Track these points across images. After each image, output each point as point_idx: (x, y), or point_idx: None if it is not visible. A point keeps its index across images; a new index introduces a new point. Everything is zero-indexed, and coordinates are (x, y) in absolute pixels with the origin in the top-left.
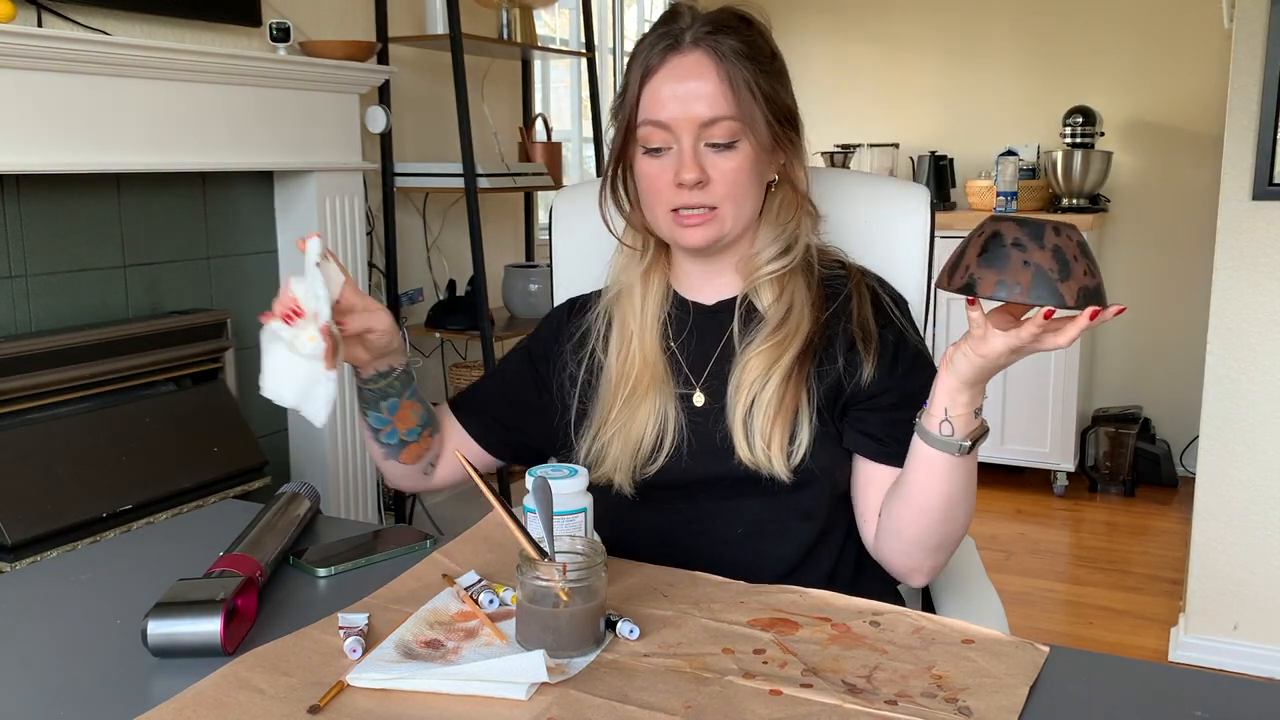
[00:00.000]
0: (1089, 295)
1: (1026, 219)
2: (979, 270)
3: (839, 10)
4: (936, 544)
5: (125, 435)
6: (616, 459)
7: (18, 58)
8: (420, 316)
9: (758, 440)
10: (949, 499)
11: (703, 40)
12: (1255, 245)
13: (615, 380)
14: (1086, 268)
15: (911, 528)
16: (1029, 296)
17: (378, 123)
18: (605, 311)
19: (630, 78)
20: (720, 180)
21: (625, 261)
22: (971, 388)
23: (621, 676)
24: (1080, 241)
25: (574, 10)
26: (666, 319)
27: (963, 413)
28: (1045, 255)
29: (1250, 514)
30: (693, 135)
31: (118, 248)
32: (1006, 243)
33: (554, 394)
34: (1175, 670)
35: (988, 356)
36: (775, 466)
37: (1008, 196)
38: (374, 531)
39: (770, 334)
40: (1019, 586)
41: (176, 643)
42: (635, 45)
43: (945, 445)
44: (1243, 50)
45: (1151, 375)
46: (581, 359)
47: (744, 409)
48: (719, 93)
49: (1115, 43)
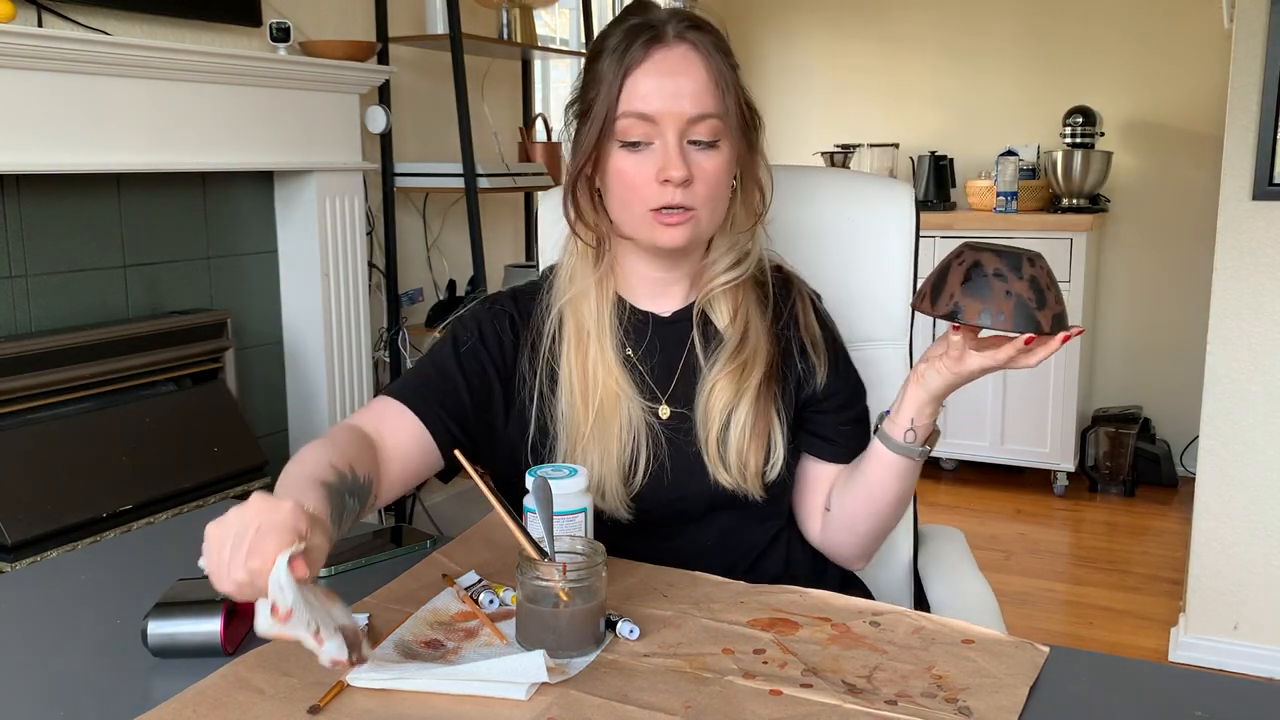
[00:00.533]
0: (1059, 321)
1: (1003, 250)
2: (963, 299)
3: (839, 10)
4: (885, 532)
5: (125, 435)
6: (601, 481)
7: (18, 58)
8: (420, 316)
9: (734, 462)
10: (901, 496)
11: (686, 35)
12: (1255, 245)
13: (579, 391)
14: (1056, 295)
15: (866, 522)
16: (1012, 324)
17: (378, 123)
18: (558, 315)
19: (603, 69)
20: (702, 180)
21: (578, 262)
22: (937, 400)
23: (621, 676)
24: (1049, 271)
25: (574, 10)
26: (622, 328)
27: (926, 422)
28: (1024, 285)
29: (1250, 514)
30: (678, 131)
31: (118, 248)
32: (988, 273)
33: (515, 409)
34: (1175, 670)
35: (961, 374)
36: (750, 486)
37: (1008, 196)
38: (374, 531)
39: (732, 356)
40: (1019, 586)
41: (176, 643)
42: (602, 38)
43: (907, 451)
44: (1243, 50)
45: (1151, 375)
46: (536, 368)
47: (716, 433)
48: (706, 89)
49: (1115, 43)
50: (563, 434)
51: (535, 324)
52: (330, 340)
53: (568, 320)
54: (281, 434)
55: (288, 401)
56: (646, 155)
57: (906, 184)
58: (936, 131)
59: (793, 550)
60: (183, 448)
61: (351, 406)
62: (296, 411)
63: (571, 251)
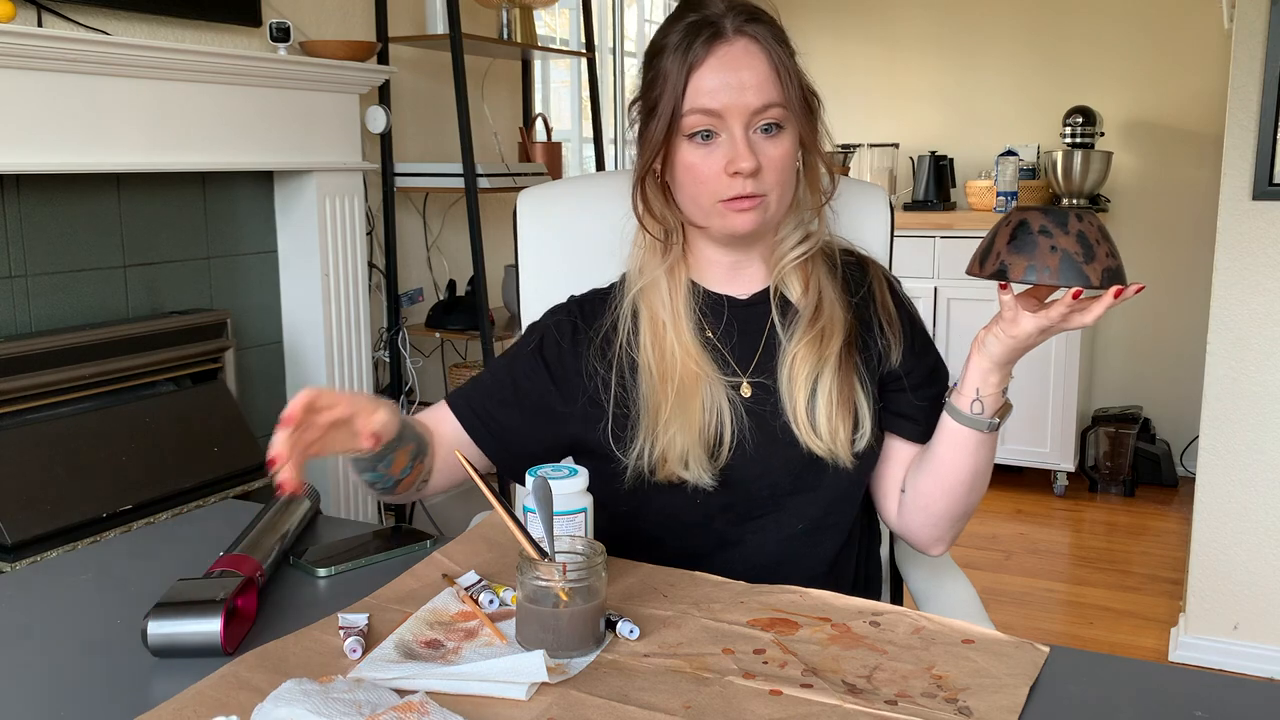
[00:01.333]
0: (1112, 275)
1: (1050, 208)
2: (1009, 256)
3: (839, 10)
4: (961, 514)
5: (125, 435)
6: (684, 453)
7: (18, 58)
8: (420, 316)
9: (824, 429)
10: (975, 473)
11: (745, 29)
12: (1255, 245)
13: (658, 374)
14: (1108, 250)
15: (940, 502)
16: (1058, 279)
17: (378, 123)
18: (631, 306)
19: (667, 67)
20: (770, 168)
21: (646, 255)
22: (1002, 368)
23: (621, 676)
24: (1101, 226)
25: (574, 10)
26: (699, 312)
27: (993, 392)
28: (1070, 240)
29: (1250, 514)
30: (743, 123)
31: (118, 248)
32: (1034, 230)
33: (581, 403)
34: (1175, 670)
35: (1018, 337)
36: (841, 452)
37: (1008, 196)
38: (374, 531)
39: (808, 327)
40: (1019, 586)
41: (176, 643)
42: (662, 34)
43: (975, 423)
44: (1243, 50)
45: (1151, 375)
46: (610, 360)
47: (804, 402)
48: (768, 80)
49: (1115, 43)
50: (644, 416)
51: (607, 322)
52: (330, 340)
53: (641, 310)
54: None
55: (288, 401)
56: (714, 148)
57: (879, 187)
58: (936, 131)
59: (871, 554)
60: (183, 448)
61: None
62: None
63: (639, 245)
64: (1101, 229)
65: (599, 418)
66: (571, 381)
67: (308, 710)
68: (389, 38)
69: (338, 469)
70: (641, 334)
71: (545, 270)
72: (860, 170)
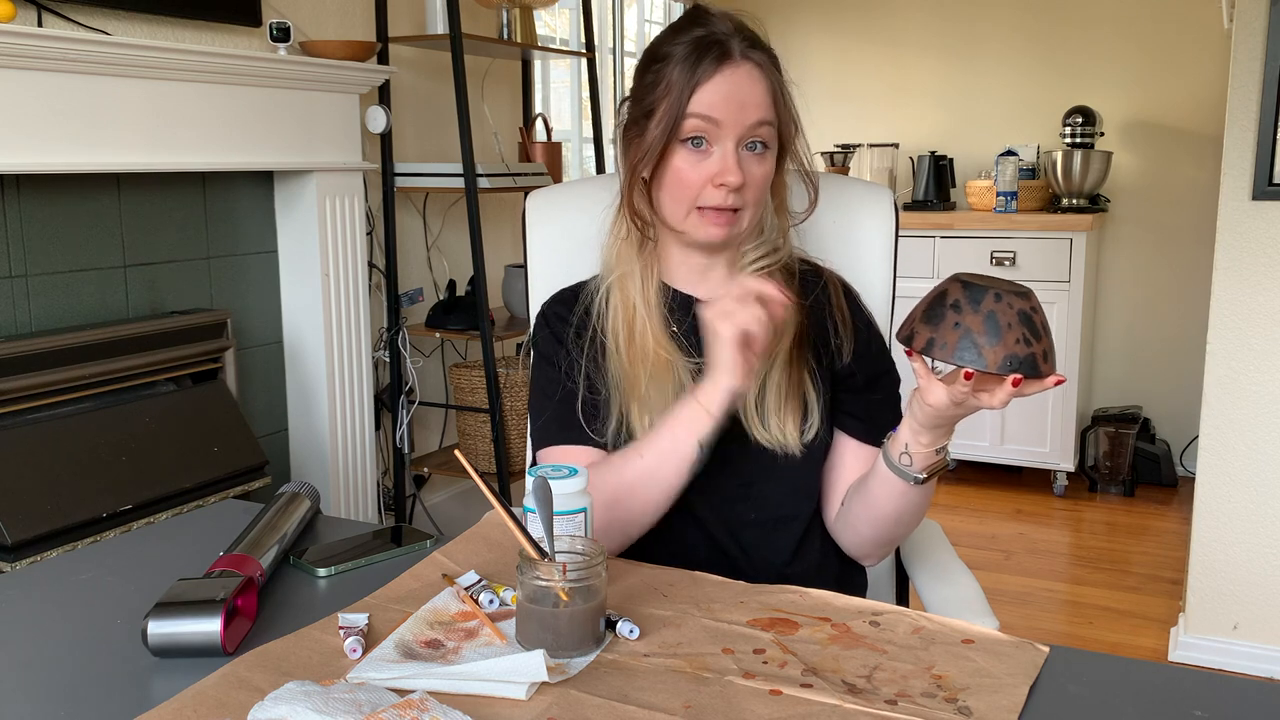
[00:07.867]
0: (1016, 362)
1: (979, 283)
2: (919, 325)
3: (839, 10)
4: (887, 541)
5: (125, 435)
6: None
7: (18, 58)
8: (420, 316)
9: (772, 423)
10: (900, 514)
11: (750, 54)
12: (1255, 245)
13: (630, 355)
14: (1020, 336)
15: (867, 528)
16: (952, 356)
17: (378, 123)
18: (606, 293)
19: (672, 76)
20: (751, 185)
21: (623, 246)
22: (930, 431)
23: (621, 676)
24: (1022, 310)
25: (574, 10)
26: (666, 307)
27: (922, 451)
28: (978, 320)
29: (1250, 514)
30: (736, 137)
31: (118, 248)
32: (947, 304)
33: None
34: (1175, 670)
35: (935, 406)
36: (789, 442)
37: (1008, 196)
38: (374, 531)
39: None
40: (1019, 586)
41: (176, 643)
42: (665, 44)
43: (902, 474)
44: (1243, 50)
45: (1151, 375)
46: (583, 345)
47: (753, 396)
48: (766, 104)
49: (1115, 42)
50: (615, 394)
51: (580, 309)
52: (330, 340)
53: (614, 295)
54: (281, 434)
55: (288, 401)
56: (704, 158)
57: (885, 188)
58: (936, 131)
59: (826, 545)
60: (183, 448)
61: (352, 406)
62: (296, 411)
63: (616, 235)
64: (1022, 312)
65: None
66: (572, 371)
67: (307, 708)
68: (389, 38)
69: (337, 468)
70: (618, 318)
71: (554, 271)
72: (860, 170)
